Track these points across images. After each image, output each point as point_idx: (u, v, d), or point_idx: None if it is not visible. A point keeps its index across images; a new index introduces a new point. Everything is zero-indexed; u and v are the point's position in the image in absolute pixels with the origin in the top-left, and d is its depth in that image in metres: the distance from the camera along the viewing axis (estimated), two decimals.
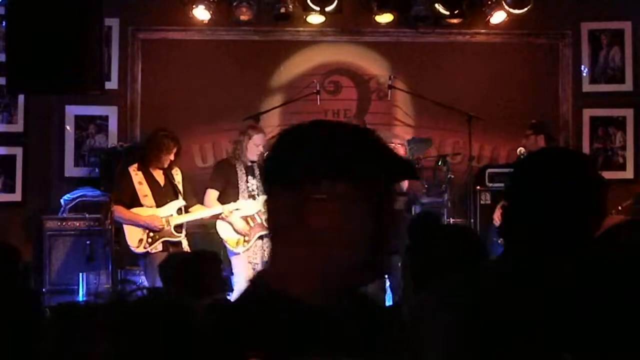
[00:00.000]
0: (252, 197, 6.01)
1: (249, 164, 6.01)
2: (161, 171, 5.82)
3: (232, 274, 6.02)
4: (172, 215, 5.77)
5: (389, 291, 5.94)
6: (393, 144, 5.92)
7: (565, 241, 1.63)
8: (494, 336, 1.35)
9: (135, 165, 5.77)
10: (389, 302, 5.81)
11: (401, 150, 5.91)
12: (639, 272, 1.33)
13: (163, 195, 5.78)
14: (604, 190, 1.67)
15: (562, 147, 6.74)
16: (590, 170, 1.70)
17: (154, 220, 5.65)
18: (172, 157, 5.80)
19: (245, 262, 5.90)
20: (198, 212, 5.89)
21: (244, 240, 5.91)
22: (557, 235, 1.62)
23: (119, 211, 5.65)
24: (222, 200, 5.93)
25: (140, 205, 5.70)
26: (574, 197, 1.63)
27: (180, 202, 5.81)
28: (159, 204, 5.73)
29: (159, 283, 4.43)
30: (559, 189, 1.64)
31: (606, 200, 1.67)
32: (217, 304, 3.00)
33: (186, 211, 5.88)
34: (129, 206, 5.69)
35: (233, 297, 5.66)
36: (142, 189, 5.72)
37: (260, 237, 5.97)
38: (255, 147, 5.95)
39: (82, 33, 5.00)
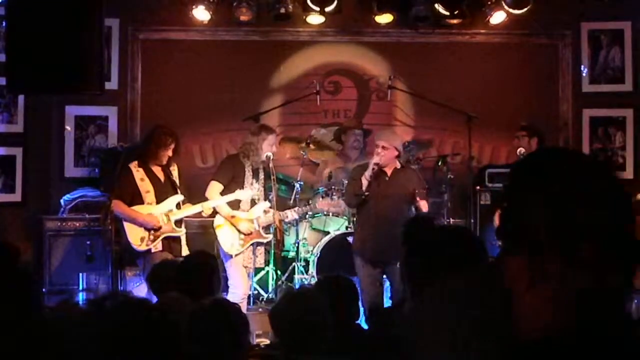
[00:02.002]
0: (254, 201, 6.02)
1: (258, 166, 6.01)
2: (160, 168, 5.83)
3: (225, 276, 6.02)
4: (171, 210, 5.77)
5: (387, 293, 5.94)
6: (379, 146, 5.79)
7: None
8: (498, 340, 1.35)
9: (135, 162, 5.77)
10: (387, 303, 5.81)
11: (389, 154, 5.75)
12: None
13: (164, 191, 5.80)
14: None
15: (561, 147, 6.74)
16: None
17: (152, 219, 5.66)
18: (170, 153, 5.80)
19: (240, 265, 5.92)
20: (197, 205, 5.88)
21: (240, 244, 5.94)
22: None
23: (119, 207, 5.64)
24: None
25: (142, 202, 5.70)
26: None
27: (179, 197, 5.82)
28: (159, 200, 5.74)
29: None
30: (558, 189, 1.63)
31: None
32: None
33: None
34: (130, 203, 5.69)
35: (230, 297, 5.68)
36: (144, 185, 5.72)
37: (252, 245, 6.00)
38: (269, 147, 5.93)
39: (82, 33, 4.99)
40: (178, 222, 5.80)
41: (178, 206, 5.83)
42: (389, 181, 5.73)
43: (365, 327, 4.06)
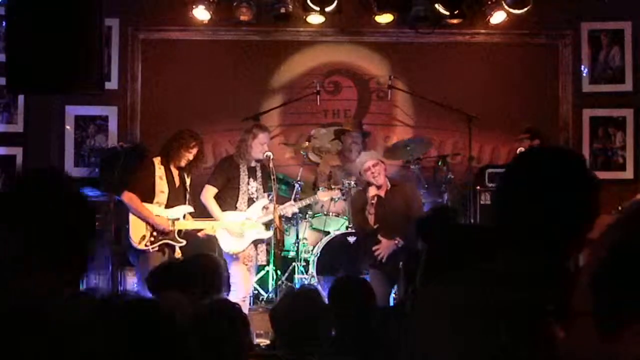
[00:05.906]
0: (251, 200, 6.00)
1: (253, 164, 6.01)
2: (177, 171, 5.81)
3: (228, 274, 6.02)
4: (178, 219, 5.75)
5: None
6: (368, 169, 5.80)
7: (558, 241, 1.63)
8: (487, 335, 1.35)
9: (159, 158, 5.76)
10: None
11: (381, 170, 5.78)
12: None
13: (176, 197, 5.75)
14: (597, 189, 1.67)
15: (554, 146, 6.74)
16: (583, 169, 1.69)
17: (162, 221, 5.63)
18: (190, 156, 5.77)
19: (241, 265, 5.92)
20: (203, 223, 5.88)
21: (239, 243, 5.94)
22: (550, 234, 1.62)
23: (133, 201, 5.61)
24: (221, 198, 5.93)
25: (152, 200, 5.67)
26: (566, 196, 1.63)
27: (189, 208, 5.80)
28: (169, 204, 5.72)
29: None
30: (551, 188, 1.63)
31: (599, 200, 1.67)
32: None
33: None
34: (142, 198, 5.67)
35: (231, 296, 5.68)
36: (161, 184, 5.69)
37: (254, 242, 5.99)
38: (260, 146, 5.93)
39: (82, 33, 4.99)
40: (179, 233, 5.79)
41: (185, 218, 5.81)
42: (385, 205, 5.73)
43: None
